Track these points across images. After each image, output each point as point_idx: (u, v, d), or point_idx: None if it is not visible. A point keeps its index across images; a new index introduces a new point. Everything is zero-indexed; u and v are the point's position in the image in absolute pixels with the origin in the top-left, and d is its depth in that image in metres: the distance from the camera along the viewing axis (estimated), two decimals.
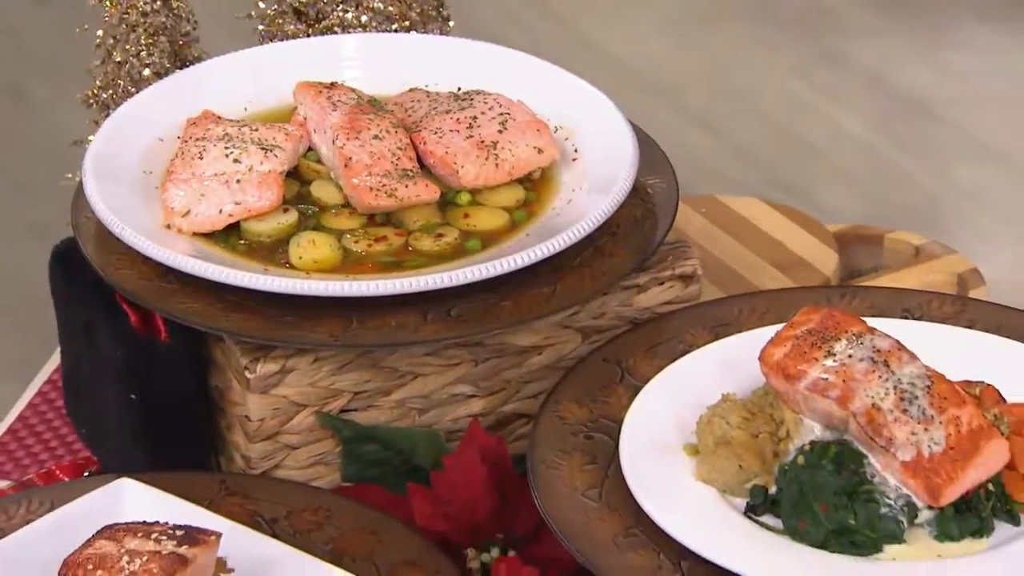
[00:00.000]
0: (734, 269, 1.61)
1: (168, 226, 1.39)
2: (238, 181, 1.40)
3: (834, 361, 1.18)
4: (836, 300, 1.34)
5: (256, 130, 1.45)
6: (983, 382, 1.24)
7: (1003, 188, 3.28)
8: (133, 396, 1.38)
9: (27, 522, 1.27)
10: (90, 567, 1.12)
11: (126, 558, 1.12)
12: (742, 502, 1.20)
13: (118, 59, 1.60)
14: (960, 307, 1.34)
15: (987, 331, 1.31)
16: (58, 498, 1.29)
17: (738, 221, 1.69)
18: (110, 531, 1.16)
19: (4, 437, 1.54)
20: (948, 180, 3.33)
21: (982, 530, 1.16)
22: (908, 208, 2.93)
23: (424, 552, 1.27)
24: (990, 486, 1.16)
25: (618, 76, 1.37)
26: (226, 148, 1.43)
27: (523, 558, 1.28)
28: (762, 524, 1.19)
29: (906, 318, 1.33)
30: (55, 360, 1.62)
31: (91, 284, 1.44)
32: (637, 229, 1.42)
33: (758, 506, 1.19)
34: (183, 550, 1.14)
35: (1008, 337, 1.30)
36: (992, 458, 1.16)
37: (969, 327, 1.31)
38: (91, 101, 1.64)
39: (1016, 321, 1.32)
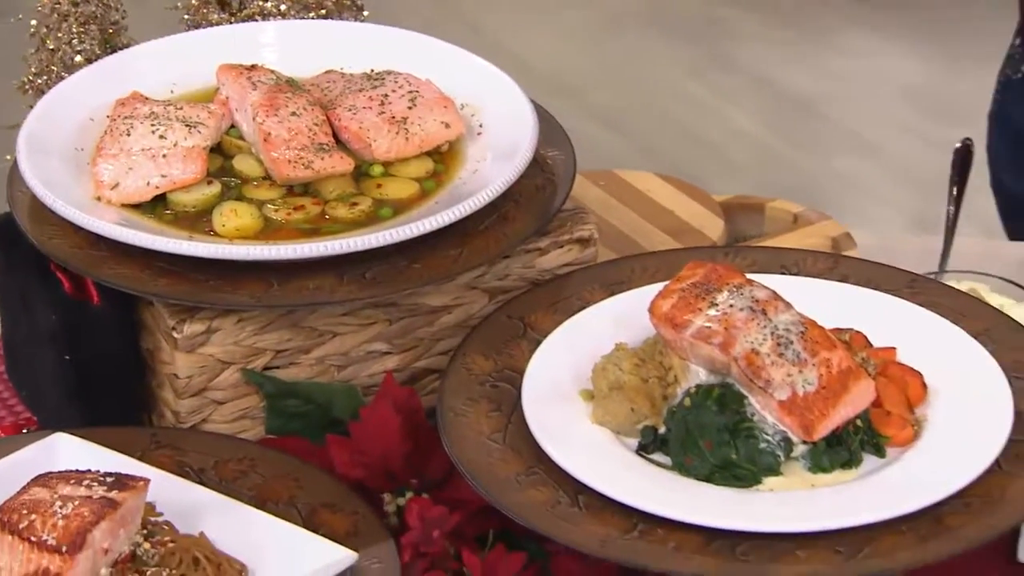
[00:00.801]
0: (628, 235, 1.61)
1: (98, 198, 1.37)
2: (164, 155, 1.39)
3: (717, 311, 1.18)
4: (720, 259, 1.34)
5: (181, 108, 1.43)
6: (852, 329, 1.24)
7: (875, 174, 3.33)
8: (67, 357, 1.36)
9: None
10: (25, 511, 1.10)
11: (59, 503, 1.10)
12: (634, 442, 1.20)
13: (51, 47, 1.57)
14: (832, 263, 1.35)
15: (857, 284, 1.31)
16: None
17: (633, 193, 1.68)
18: (44, 479, 1.14)
19: None
20: (828, 168, 3.37)
21: (851, 462, 1.16)
22: (791, 190, 2.97)
23: (342, 496, 1.26)
24: (858, 422, 1.17)
25: (526, 78, 1.37)
26: (152, 125, 1.41)
27: (434, 500, 1.28)
28: (653, 461, 1.19)
29: (783, 274, 1.33)
30: None
31: (26, 255, 1.41)
32: (538, 197, 1.41)
33: (649, 445, 1.19)
34: (113, 495, 1.12)
35: (876, 289, 1.31)
36: (860, 396, 1.16)
37: (841, 281, 1.32)
38: (27, 87, 1.61)
39: (884, 275, 1.33)
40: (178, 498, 1.22)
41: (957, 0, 3.81)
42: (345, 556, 1.18)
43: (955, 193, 1.64)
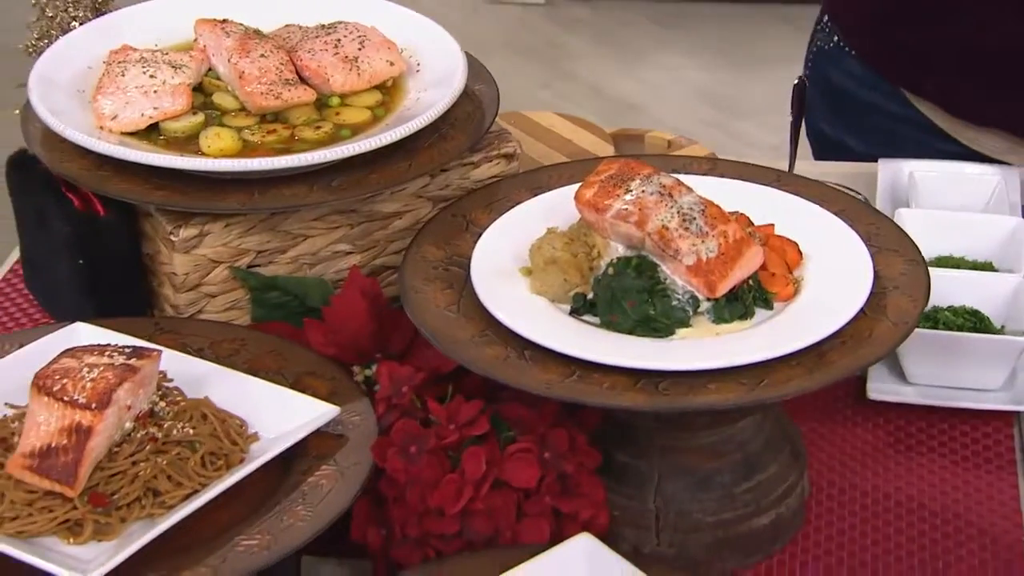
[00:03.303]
0: (537, 160, 1.53)
1: (101, 128, 1.26)
2: (155, 91, 1.27)
3: (631, 196, 1.11)
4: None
5: (167, 55, 1.31)
6: (737, 212, 1.18)
7: None
8: (81, 262, 1.25)
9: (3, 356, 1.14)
10: (57, 377, 1.00)
11: (86, 369, 1.00)
12: (567, 307, 1.13)
13: (50, 15, 1.46)
14: (712, 165, 1.29)
15: (734, 178, 1.26)
16: (25, 340, 1.17)
17: (538, 128, 1.61)
18: (71, 352, 1.03)
19: None
20: None
21: (746, 314, 1.10)
22: None
23: (321, 365, 1.17)
24: (750, 281, 1.10)
25: None
26: (143, 68, 1.29)
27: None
28: (584, 321, 1.12)
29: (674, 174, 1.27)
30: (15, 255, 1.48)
31: (39, 181, 1.30)
32: (469, 120, 1.33)
33: (579, 308, 1.12)
34: (132, 362, 1.02)
35: (750, 181, 1.25)
36: (751, 260, 1.10)
37: (720, 176, 1.26)
38: (31, 50, 1.49)
39: (754, 171, 1.26)
40: (183, 369, 1.12)
41: (739, 21, 3.86)
42: (329, 410, 1.09)
43: (795, 121, 1.59)
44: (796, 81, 1.62)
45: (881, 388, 1.28)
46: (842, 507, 1.20)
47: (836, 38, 1.69)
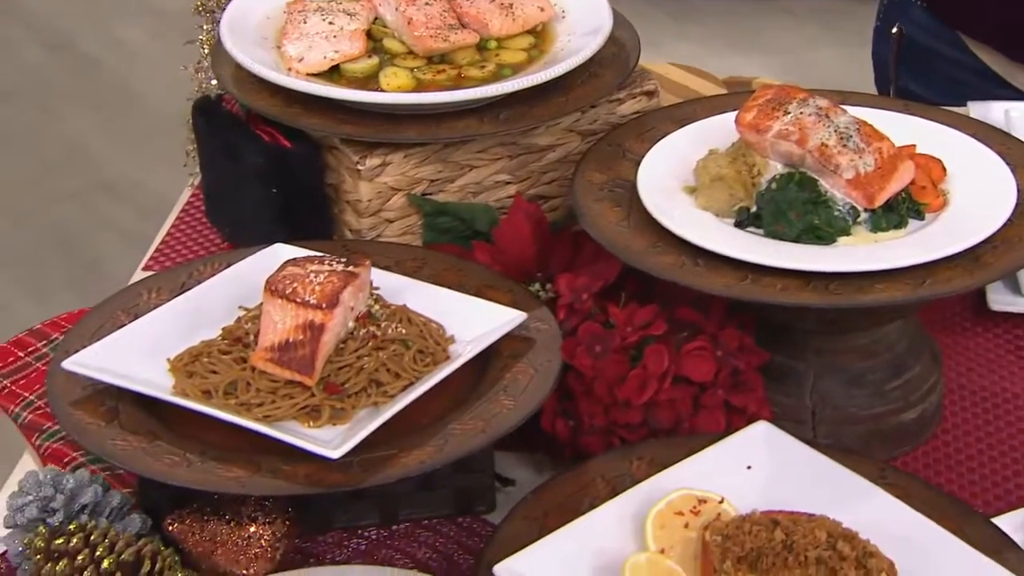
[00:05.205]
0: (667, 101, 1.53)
1: (288, 69, 1.26)
2: (335, 36, 1.27)
3: (790, 117, 1.10)
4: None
5: (340, 3, 1.31)
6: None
7: None
8: (274, 191, 1.25)
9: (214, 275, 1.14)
10: (288, 282, 1.00)
11: (312, 275, 1.00)
12: (730, 221, 1.12)
13: None
14: (842, 97, 1.26)
15: (865, 107, 1.24)
16: (232, 260, 1.17)
17: (659, 77, 1.61)
18: (293, 262, 1.03)
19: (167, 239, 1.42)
20: None
21: (901, 223, 1.08)
22: None
23: (498, 279, 1.16)
24: (903, 194, 1.10)
25: None
26: (322, 16, 1.29)
27: None
28: (749, 232, 1.11)
29: None
30: (187, 192, 1.49)
31: (227, 120, 1.30)
32: (615, 60, 1.32)
33: (743, 221, 1.11)
34: (350, 268, 1.03)
35: (880, 109, 1.23)
36: (905, 174, 1.09)
37: (853, 105, 1.24)
38: (200, 9, 1.49)
39: (882, 101, 1.24)
40: (380, 283, 1.12)
41: (746, 14, 3.77)
42: (517, 315, 1.09)
43: (896, 67, 1.58)
44: (894, 30, 1.61)
45: (1001, 300, 1.27)
46: (975, 406, 1.19)
47: None
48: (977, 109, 1.50)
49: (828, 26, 3.68)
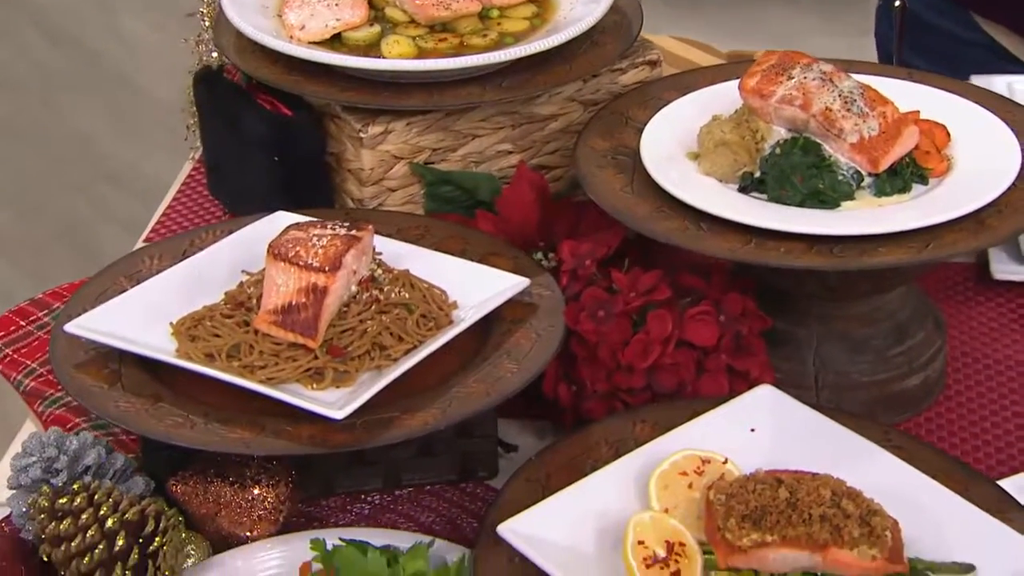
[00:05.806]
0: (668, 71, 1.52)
1: (290, 37, 1.26)
2: (336, 4, 1.26)
3: (794, 81, 1.09)
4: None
5: None
6: None
7: None
8: (276, 159, 1.25)
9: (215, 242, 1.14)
10: (290, 245, 1.00)
11: (315, 238, 1.00)
12: (734, 186, 1.12)
13: None
14: (847, 64, 1.27)
15: (869, 75, 1.23)
16: (234, 227, 1.16)
17: (661, 52, 1.60)
18: (295, 226, 1.03)
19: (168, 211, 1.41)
20: None
21: (904, 187, 1.08)
22: None
23: (501, 246, 1.16)
24: (907, 159, 1.09)
25: None
26: None
27: None
28: (753, 197, 1.11)
29: None
30: (186, 170, 1.48)
31: (229, 89, 1.30)
32: (617, 29, 1.31)
33: (747, 187, 1.10)
34: (353, 232, 1.02)
35: (884, 77, 1.23)
36: (909, 138, 1.08)
37: (857, 73, 1.24)
38: None
39: (886, 70, 1.24)
40: (382, 248, 1.12)
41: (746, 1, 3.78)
42: (520, 281, 1.09)
43: (898, 39, 1.57)
44: (897, 3, 1.60)
45: (1004, 269, 1.27)
46: (978, 373, 1.19)
47: None
48: (980, 83, 1.50)
49: (829, 16, 3.68)
